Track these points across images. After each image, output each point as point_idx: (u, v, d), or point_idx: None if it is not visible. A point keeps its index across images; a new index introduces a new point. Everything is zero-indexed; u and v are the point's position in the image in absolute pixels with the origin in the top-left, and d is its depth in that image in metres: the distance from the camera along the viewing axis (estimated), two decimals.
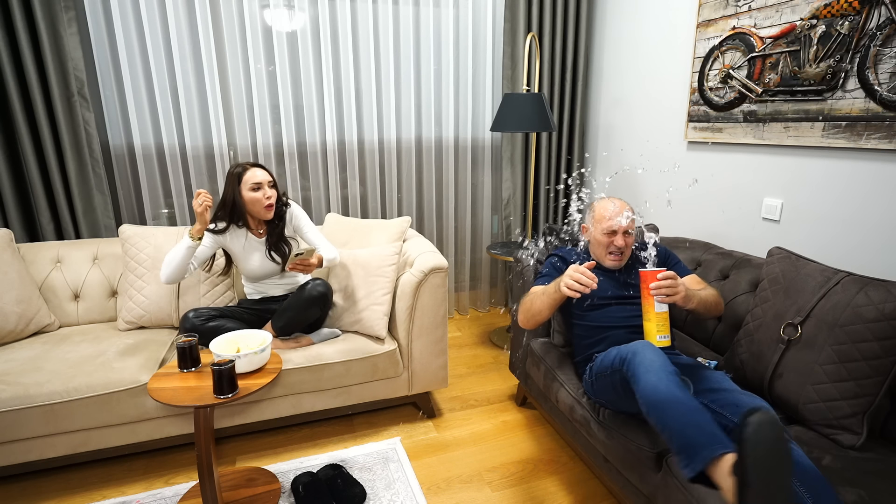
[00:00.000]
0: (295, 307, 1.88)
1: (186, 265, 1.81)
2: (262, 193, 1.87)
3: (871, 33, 1.56)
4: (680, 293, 1.36)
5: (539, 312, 1.56)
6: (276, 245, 1.96)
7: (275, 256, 1.95)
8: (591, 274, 1.37)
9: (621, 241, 1.61)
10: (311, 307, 1.89)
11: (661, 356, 1.25)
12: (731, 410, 1.28)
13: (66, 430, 1.65)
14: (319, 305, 1.92)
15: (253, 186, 1.86)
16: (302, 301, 1.88)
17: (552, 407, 1.83)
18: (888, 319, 1.26)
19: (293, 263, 1.81)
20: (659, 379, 1.19)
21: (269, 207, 1.90)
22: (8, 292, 1.89)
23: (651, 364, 1.22)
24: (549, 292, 1.51)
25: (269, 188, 1.90)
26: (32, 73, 2.13)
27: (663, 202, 2.53)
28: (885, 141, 1.56)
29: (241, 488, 1.68)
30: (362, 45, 2.69)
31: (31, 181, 2.25)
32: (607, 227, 1.61)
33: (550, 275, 1.69)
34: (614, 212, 1.61)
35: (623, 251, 1.63)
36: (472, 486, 1.76)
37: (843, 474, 1.18)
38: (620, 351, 1.35)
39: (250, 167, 1.89)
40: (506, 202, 3.11)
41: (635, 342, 1.34)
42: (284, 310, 1.90)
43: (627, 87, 2.73)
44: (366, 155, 2.85)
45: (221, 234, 1.91)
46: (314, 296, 1.88)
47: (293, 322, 1.90)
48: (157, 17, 2.36)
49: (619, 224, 1.59)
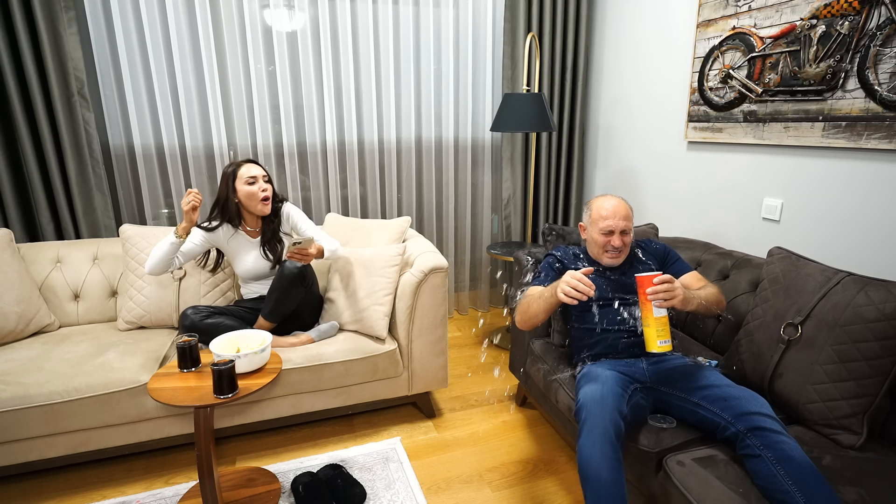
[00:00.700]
0: (277, 289, 1.87)
1: (169, 260, 1.83)
2: (257, 187, 1.88)
3: (871, 33, 1.56)
4: (678, 297, 1.32)
5: (535, 316, 1.53)
6: (271, 243, 1.96)
7: (268, 254, 1.95)
8: (589, 281, 1.33)
9: (618, 241, 1.59)
10: (292, 286, 1.86)
11: (605, 417, 1.27)
12: (720, 405, 1.31)
13: (66, 430, 1.65)
14: (300, 282, 1.88)
15: (248, 180, 1.87)
16: (283, 281, 1.85)
17: (552, 407, 1.83)
18: (888, 319, 1.26)
19: (290, 252, 1.79)
20: (593, 450, 1.23)
21: (264, 201, 1.90)
22: (8, 292, 1.89)
23: (592, 429, 1.26)
24: (545, 296, 1.48)
25: (264, 182, 1.91)
26: (32, 73, 2.13)
27: (663, 202, 2.53)
28: (885, 141, 1.56)
29: (241, 488, 1.68)
30: (362, 45, 2.69)
31: (31, 181, 2.25)
32: (604, 227, 1.59)
33: (547, 275, 1.68)
34: (611, 211, 1.60)
35: (621, 250, 1.61)
36: (472, 486, 1.76)
37: (843, 474, 1.18)
38: (581, 392, 1.39)
39: (244, 163, 1.90)
40: (506, 202, 3.11)
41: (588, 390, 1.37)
42: (269, 294, 1.89)
43: (627, 87, 2.73)
44: (366, 155, 2.85)
45: (213, 231, 1.91)
46: (293, 273, 1.85)
47: (279, 304, 1.87)
48: (157, 17, 2.36)
49: (615, 224, 1.58)
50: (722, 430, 1.29)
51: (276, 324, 1.92)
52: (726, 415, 1.28)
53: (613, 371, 1.45)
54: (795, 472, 1.11)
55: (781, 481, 1.11)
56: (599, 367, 1.49)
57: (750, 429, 1.21)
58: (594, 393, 1.33)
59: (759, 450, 1.17)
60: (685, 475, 1.24)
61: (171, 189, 2.56)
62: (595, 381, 1.39)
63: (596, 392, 1.33)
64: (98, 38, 2.33)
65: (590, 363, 1.58)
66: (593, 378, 1.42)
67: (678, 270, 1.68)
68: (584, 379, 1.46)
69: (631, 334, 1.59)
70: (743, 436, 1.22)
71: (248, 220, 1.96)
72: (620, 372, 1.47)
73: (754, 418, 1.23)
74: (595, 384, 1.37)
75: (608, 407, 1.29)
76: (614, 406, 1.29)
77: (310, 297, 1.99)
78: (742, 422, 1.24)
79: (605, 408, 1.28)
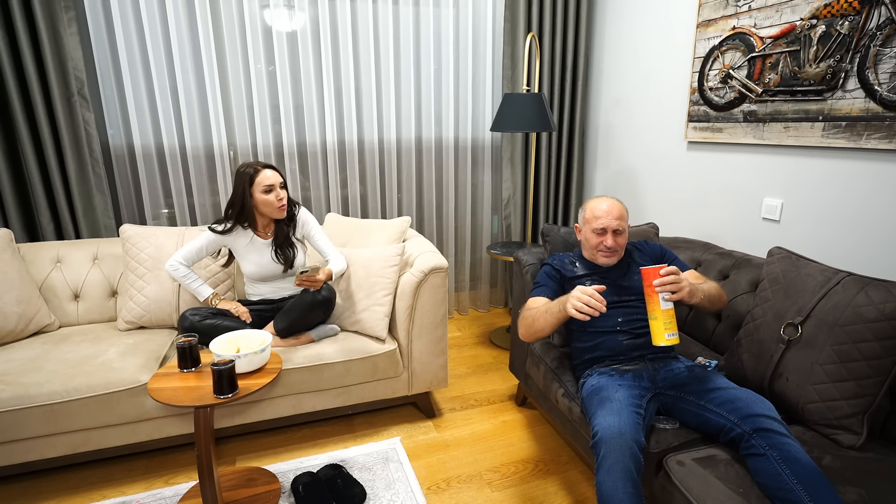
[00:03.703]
0: (299, 309, 1.88)
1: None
2: (274, 195, 1.88)
3: (871, 33, 1.56)
4: (685, 287, 1.33)
5: (541, 330, 1.51)
6: (282, 247, 1.96)
7: (279, 258, 1.96)
8: (601, 297, 1.32)
9: (611, 240, 1.59)
10: (314, 310, 1.90)
11: (625, 454, 1.22)
12: (727, 408, 1.31)
13: (66, 430, 1.65)
14: (323, 309, 1.92)
15: (265, 189, 1.87)
16: (306, 304, 1.88)
17: (552, 407, 1.83)
18: (888, 319, 1.26)
19: (300, 279, 1.82)
20: (615, 489, 1.19)
21: (281, 209, 1.91)
22: (8, 292, 1.89)
23: (613, 466, 1.21)
24: (552, 311, 1.44)
25: (281, 189, 1.91)
26: (32, 73, 2.13)
27: (663, 202, 2.53)
28: (885, 141, 1.56)
29: (241, 488, 1.68)
30: (362, 45, 2.69)
31: (31, 181, 2.25)
32: (597, 227, 1.60)
33: (546, 284, 1.67)
34: (604, 211, 1.60)
35: (615, 250, 1.61)
36: (472, 486, 1.76)
37: (843, 474, 1.18)
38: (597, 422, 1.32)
39: (261, 168, 1.88)
40: (506, 202, 3.11)
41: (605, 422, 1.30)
42: (288, 311, 1.89)
43: (627, 87, 2.73)
44: (366, 155, 2.85)
45: (226, 234, 1.92)
46: (318, 300, 1.88)
47: (296, 325, 1.90)
48: (157, 17, 2.36)
49: (608, 223, 1.59)
50: (727, 433, 1.29)
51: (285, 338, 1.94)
52: (733, 416, 1.28)
53: (624, 389, 1.41)
54: (801, 473, 1.11)
55: (786, 480, 1.11)
56: (608, 383, 1.45)
57: (755, 430, 1.21)
58: (612, 427, 1.28)
59: (765, 449, 1.17)
60: (685, 475, 1.24)
61: (171, 189, 2.56)
62: (610, 408, 1.33)
63: (614, 426, 1.27)
64: (98, 38, 2.33)
65: (596, 374, 1.54)
66: (607, 400, 1.37)
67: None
68: (596, 399, 1.41)
69: (631, 336, 1.58)
70: (748, 436, 1.22)
71: (260, 222, 1.96)
72: (630, 386, 1.43)
73: (760, 420, 1.23)
74: (611, 415, 1.31)
75: (627, 441, 1.24)
76: (633, 438, 1.24)
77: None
78: (748, 423, 1.24)
79: (624, 443, 1.24)
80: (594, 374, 1.55)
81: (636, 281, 1.64)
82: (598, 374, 1.53)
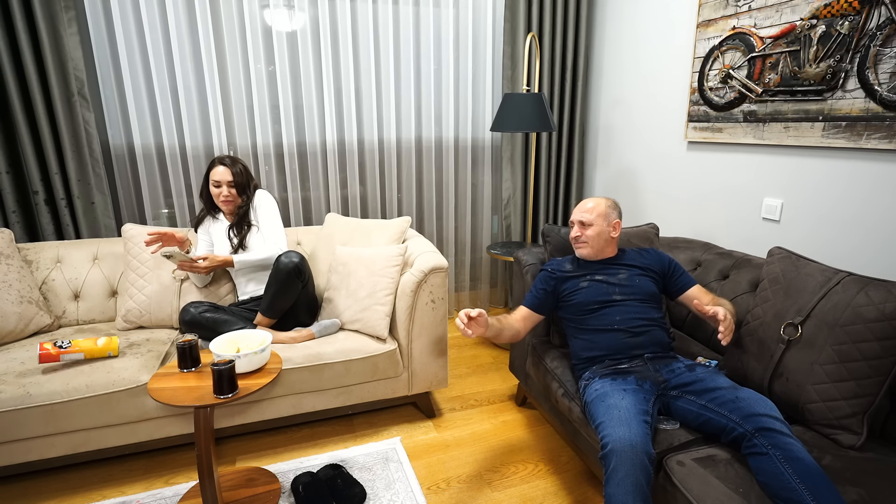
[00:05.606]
0: (274, 283, 1.88)
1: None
2: (218, 191, 2.01)
3: (871, 33, 1.56)
4: (732, 328, 1.46)
5: (505, 339, 1.67)
6: (238, 226, 2.05)
7: (232, 236, 2.04)
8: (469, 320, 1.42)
9: (577, 230, 1.73)
10: (289, 280, 1.87)
11: (636, 466, 1.21)
12: (729, 408, 1.31)
13: (66, 430, 1.65)
14: (296, 276, 1.88)
15: (214, 183, 2.01)
16: (279, 276, 1.86)
17: (552, 407, 1.83)
18: (888, 319, 1.26)
19: (179, 263, 1.86)
20: (625, 502, 1.19)
21: (224, 203, 2.02)
22: (8, 292, 1.89)
23: (624, 479, 1.21)
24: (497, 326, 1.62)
25: (228, 188, 2.01)
26: (32, 73, 2.13)
27: (663, 202, 2.53)
28: (885, 141, 1.56)
29: (241, 488, 1.68)
30: (362, 45, 2.69)
31: (32, 181, 2.25)
32: (571, 220, 1.77)
33: (532, 292, 1.76)
34: (580, 206, 1.75)
35: (585, 241, 1.71)
36: (472, 486, 1.76)
37: (843, 474, 1.18)
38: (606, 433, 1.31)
39: (217, 163, 2.01)
40: (506, 202, 3.11)
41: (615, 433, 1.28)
42: (266, 290, 1.91)
43: (627, 87, 2.73)
44: (366, 155, 2.85)
45: (200, 224, 2.09)
46: (289, 268, 1.86)
47: (277, 298, 1.89)
48: (157, 17, 2.36)
49: (575, 216, 1.74)
50: (728, 433, 1.28)
51: (275, 320, 1.94)
52: (735, 416, 1.28)
53: (629, 395, 1.40)
54: (803, 472, 1.11)
55: (789, 479, 1.11)
56: (612, 388, 1.44)
57: (758, 429, 1.21)
58: (622, 439, 1.26)
59: (767, 448, 1.17)
60: (685, 475, 1.24)
61: (172, 189, 2.56)
62: (618, 418, 1.32)
63: (624, 438, 1.26)
64: (98, 38, 2.33)
65: (598, 379, 1.52)
66: (613, 407, 1.36)
67: (683, 284, 1.70)
68: (602, 406, 1.39)
69: (629, 334, 1.59)
70: (750, 435, 1.22)
71: (224, 208, 2.08)
72: (634, 391, 1.42)
73: (762, 419, 1.23)
74: (621, 425, 1.29)
75: (639, 454, 1.23)
76: (643, 450, 1.24)
77: (305, 295, 2.00)
78: (750, 422, 1.24)
79: (636, 456, 1.23)
80: (595, 377, 1.54)
81: (634, 280, 1.66)
82: (600, 377, 1.53)
